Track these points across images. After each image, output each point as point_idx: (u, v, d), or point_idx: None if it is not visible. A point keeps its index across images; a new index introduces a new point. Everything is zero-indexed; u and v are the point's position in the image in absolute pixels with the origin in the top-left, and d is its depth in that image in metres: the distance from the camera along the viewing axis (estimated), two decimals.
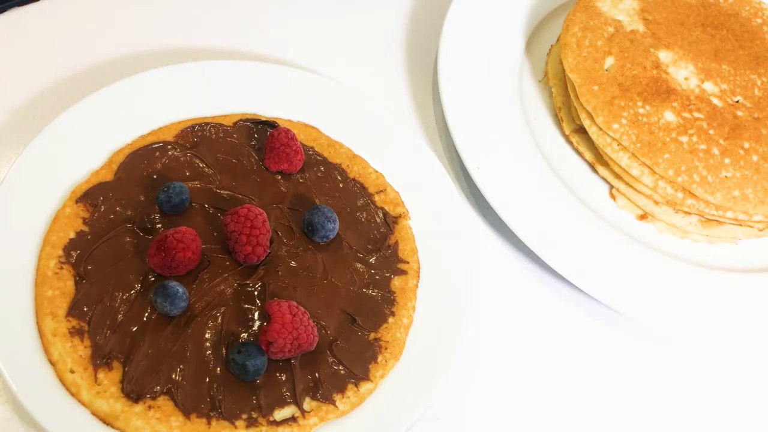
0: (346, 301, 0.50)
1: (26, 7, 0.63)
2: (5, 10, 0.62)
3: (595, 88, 0.59)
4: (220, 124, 0.56)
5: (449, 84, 0.61)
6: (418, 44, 0.69)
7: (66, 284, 0.47)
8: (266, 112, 0.57)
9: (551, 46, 0.68)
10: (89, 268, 0.48)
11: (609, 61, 0.61)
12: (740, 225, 0.59)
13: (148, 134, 0.54)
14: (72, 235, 0.49)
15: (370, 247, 0.53)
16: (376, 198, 0.55)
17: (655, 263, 0.57)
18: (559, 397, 0.53)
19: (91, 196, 0.50)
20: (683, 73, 0.61)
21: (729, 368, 0.57)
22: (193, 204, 0.51)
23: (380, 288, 0.51)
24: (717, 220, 0.59)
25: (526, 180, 0.59)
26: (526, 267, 0.58)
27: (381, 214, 0.54)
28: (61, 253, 0.48)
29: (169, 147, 0.54)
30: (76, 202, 0.50)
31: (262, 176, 0.54)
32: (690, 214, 0.59)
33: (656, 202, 0.59)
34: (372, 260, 0.52)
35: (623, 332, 0.56)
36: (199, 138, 0.55)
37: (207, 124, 0.56)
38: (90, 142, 0.53)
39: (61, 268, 0.47)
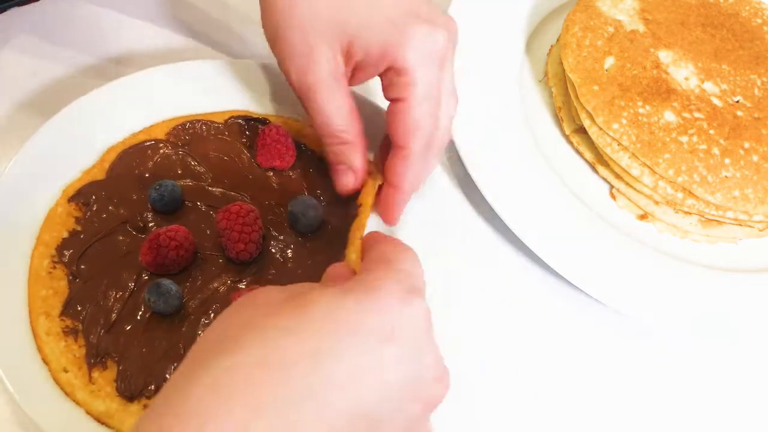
0: None
1: (26, 7, 0.63)
2: (5, 10, 0.63)
3: (595, 88, 0.59)
4: (212, 122, 0.56)
5: None
6: None
7: (59, 284, 0.47)
8: (258, 109, 0.57)
9: (551, 46, 0.68)
10: (82, 267, 0.48)
11: (609, 61, 0.61)
12: (740, 225, 0.59)
13: (140, 132, 0.54)
14: (65, 234, 0.49)
15: None
16: None
17: (655, 263, 0.57)
18: (558, 397, 0.53)
19: (83, 195, 0.51)
20: (683, 73, 0.61)
21: (729, 368, 0.57)
22: (186, 202, 0.51)
23: None
24: (717, 220, 0.59)
25: (526, 180, 0.59)
26: (526, 267, 0.58)
27: None
28: (54, 252, 0.48)
29: (161, 145, 0.54)
30: (69, 201, 0.50)
31: (253, 173, 0.54)
32: (690, 214, 0.59)
33: (656, 202, 0.59)
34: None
35: (623, 332, 0.56)
36: (191, 136, 0.55)
37: (198, 121, 0.55)
38: (82, 141, 0.52)
39: (54, 267, 0.47)
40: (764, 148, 0.58)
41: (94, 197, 0.50)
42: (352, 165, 0.48)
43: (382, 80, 0.46)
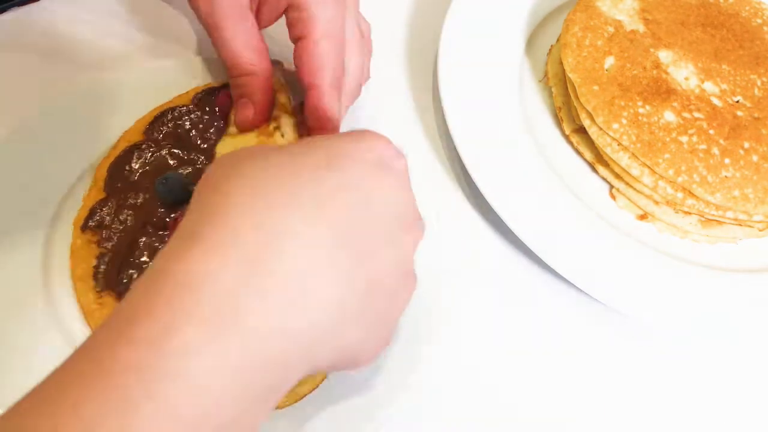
0: None
1: (26, 7, 0.63)
2: (5, 10, 0.63)
3: (595, 88, 0.59)
4: (179, 106, 0.56)
5: (449, 84, 0.61)
6: (418, 45, 0.69)
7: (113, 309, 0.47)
8: (216, 78, 0.58)
9: (551, 46, 0.68)
10: (125, 282, 0.48)
11: (609, 61, 0.61)
12: (740, 225, 0.59)
13: (119, 141, 0.54)
14: (94, 262, 0.49)
15: None
16: None
17: (655, 263, 0.57)
18: (558, 398, 0.53)
19: (93, 218, 0.51)
20: (683, 73, 0.61)
21: (729, 368, 0.57)
22: (191, 188, 0.51)
23: None
24: (717, 220, 0.59)
25: (526, 180, 0.59)
26: (526, 267, 0.58)
27: None
28: (93, 283, 0.48)
29: (143, 146, 0.54)
30: (82, 231, 0.50)
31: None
32: (690, 214, 0.59)
33: (656, 202, 0.59)
34: None
35: (623, 332, 0.56)
36: (166, 126, 0.55)
37: (166, 111, 0.55)
38: (65, 163, 0.53)
39: (101, 296, 0.48)
40: (764, 148, 0.58)
41: (103, 216, 0.51)
42: (252, 97, 0.49)
43: (286, 20, 0.48)
